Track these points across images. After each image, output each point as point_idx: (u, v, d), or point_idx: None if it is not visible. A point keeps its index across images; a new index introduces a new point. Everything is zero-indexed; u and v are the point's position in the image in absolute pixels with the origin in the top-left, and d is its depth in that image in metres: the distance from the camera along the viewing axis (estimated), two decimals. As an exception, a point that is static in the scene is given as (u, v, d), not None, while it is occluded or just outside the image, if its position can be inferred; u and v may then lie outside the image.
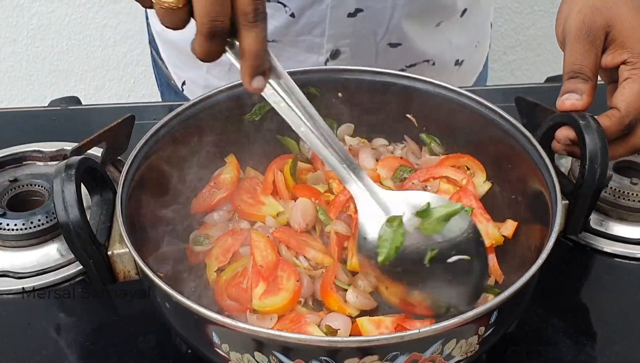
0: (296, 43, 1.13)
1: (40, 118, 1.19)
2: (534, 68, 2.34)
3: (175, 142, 0.88)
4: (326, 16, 1.09)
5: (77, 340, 0.84)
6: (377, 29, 1.12)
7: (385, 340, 0.65)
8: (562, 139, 0.84)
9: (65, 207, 0.71)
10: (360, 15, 1.09)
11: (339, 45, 1.13)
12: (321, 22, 1.10)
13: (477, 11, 1.24)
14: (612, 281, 0.92)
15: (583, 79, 0.84)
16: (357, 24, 1.10)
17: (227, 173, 0.95)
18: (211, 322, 0.68)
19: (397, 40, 1.14)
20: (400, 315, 0.79)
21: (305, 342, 0.66)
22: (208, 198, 0.93)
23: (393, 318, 0.78)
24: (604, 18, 0.83)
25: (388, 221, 0.79)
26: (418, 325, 0.76)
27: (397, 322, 0.78)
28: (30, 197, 0.99)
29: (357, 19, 1.09)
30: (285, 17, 1.10)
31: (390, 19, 1.11)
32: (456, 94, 0.93)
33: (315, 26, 1.11)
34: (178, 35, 1.19)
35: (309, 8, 1.08)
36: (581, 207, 0.80)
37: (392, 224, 0.78)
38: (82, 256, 0.74)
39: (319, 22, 1.10)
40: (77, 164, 0.74)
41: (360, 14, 1.09)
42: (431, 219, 0.78)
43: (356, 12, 1.08)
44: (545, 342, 0.84)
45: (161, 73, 1.36)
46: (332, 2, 1.07)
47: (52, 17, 2.17)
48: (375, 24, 1.11)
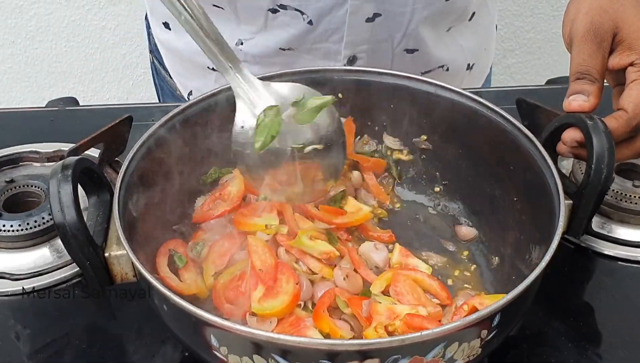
0: (312, 50, 1.12)
1: (37, 119, 1.18)
2: (534, 71, 2.33)
3: (173, 143, 0.87)
4: (345, 22, 1.08)
5: (73, 343, 0.83)
6: (395, 34, 1.11)
7: (387, 343, 0.64)
8: (569, 141, 0.83)
9: (61, 208, 0.70)
10: (378, 20, 1.08)
11: (356, 51, 1.12)
12: (339, 29, 1.09)
13: (484, 14, 1.23)
14: (614, 285, 0.91)
15: (590, 80, 0.83)
16: (374, 29, 1.09)
17: (233, 186, 0.93)
18: (209, 325, 0.67)
19: (413, 46, 1.14)
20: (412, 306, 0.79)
21: (305, 345, 0.65)
22: (212, 209, 0.92)
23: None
24: (612, 20, 0.83)
25: (266, 110, 0.81)
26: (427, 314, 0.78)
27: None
28: (26, 198, 0.98)
29: (375, 23, 1.08)
30: (303, 25, 1.08)
31: (409, 24, 1.10)
32: (458, 95, 0.92)
33: (333, 33, 1.09)
34: (183, 45, 1.18)
35: (328, 14, 1.07)
36: (585, 208, 0.79)
37: (269, 113, 0.81)
38: (79, 257, 0.73)
39: (337, 28, 1.09)
40: (73, 165, 0.73)
41: (379, 18, 1.08)
42: (305, 110, 0.82)
43: (374, 16, 1.07)
44: (547, 345, 0.83)
45: (164, 82, 1.34)
46: (352, 7, 1.06)
47: (51, 19, 2.16)
48: (393, 29, 1.10)
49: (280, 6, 1.06)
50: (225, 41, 0.81)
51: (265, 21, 1.09)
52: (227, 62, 0.81)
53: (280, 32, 1.10)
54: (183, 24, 0.78)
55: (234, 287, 0.83)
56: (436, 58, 1.18)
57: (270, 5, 1.07)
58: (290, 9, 1.07)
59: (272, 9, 1.07)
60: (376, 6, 1.06)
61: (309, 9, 1.06)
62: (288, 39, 1.10)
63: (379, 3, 1.06)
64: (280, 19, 1.08)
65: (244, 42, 1.12)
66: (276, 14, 1.07)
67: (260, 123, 0.81)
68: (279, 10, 1.07)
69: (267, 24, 1.09)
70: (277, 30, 1.10)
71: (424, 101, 0.94)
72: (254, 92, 0.83)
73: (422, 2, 1.07)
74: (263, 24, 1.09)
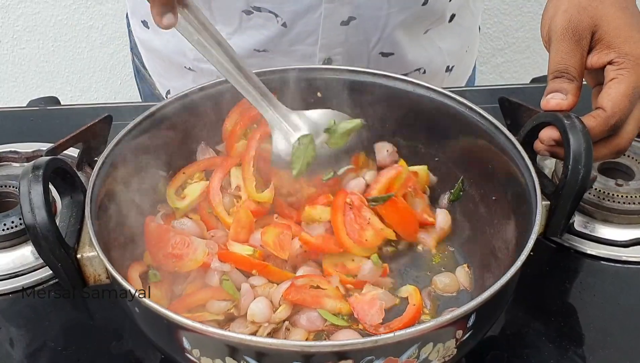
0: (288, 52, 1.12)
1: (17, 119, 1.18)
2: (522, 70, 2.33)
3: (149, 142, 0.86)
4: (319, 25, 1.08)
5: (48, 345, 0.83)
6: (370, 37, 1.11)
7: (360, 344, 0.64)
8: (546, 139, 0.82)
9: (31, 209, 0.69)
10: (353, 24, 1.08)
11: (331, 54, 1.12)
12: (314, 31, 1.09)
13: (466, 15, 1.22)
14: (597, 284, 0.91)
15: (568, 79, 0.82)
16: (349, 32, 1.09)
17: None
18: (181, 327, 0.66)
19: (389, 50, 1.13)
20: None
21: (278, 347, 0.64)
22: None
23: None
24: (590, 17, 0.82)
25: (300, 139, 0.87)
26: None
27: None
28: (4, 199, 0.98)
29: (350, 27, 1.08)
30: (277, 27, 1.08)
31: (384, 28, 1.10)
32: (436, 94, 0.92)
33: (308, 35, 1.09)
34: (163, 44, 1.18)
35: (302, 17, 1.07)
36: (563, 208, 0.78)
37: (304, 141, 0.87)
38: (50, 259, 0.72)
39: (312, 31, 1.09)
40: (44, 165, 0.72)
41: (353, 22, 1.08)
42: (336, 135, 0.90)
43: (349, 20, 1.07)
44: (528, 346, 0.83)
45: (144, 81, 1.34)
46: (326, 11, 1.06)
47: (38, 19, 2.15)
48: (368, 32, 1.10)
49: (254, 8, 1.07)
50: (254, 76, 0.85)
51: (240, 22, 1.09)
52: (262, 99, 0.86)
53: (255, 34, 1.10)
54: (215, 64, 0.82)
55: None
56: (412, 61, 1.17)
57: (244, 6, 1.07)
58: (264, 11, 1.07)
59: (246, 10, 1.07)
60: (351, 10, 1.06)
61: (283, 11, 1.06)
62: (262, 40, 1.10)
63: (354, 7, 1.06)
64: (255, 21, 1.08)
65: None
66: (250, 15, 1.07)
67: (295, 152, 0.87)
68: (252, 12, 1.07)
69: (242, 25, 1.09)
70: (251, 31, 1.09)
71: (403, 100, 0.93)
72: (286, 122, 0.88)
73: (398, 6, 1.07)
74: (238, 25, 1.09)
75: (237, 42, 1.10)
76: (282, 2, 1.05)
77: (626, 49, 0.81)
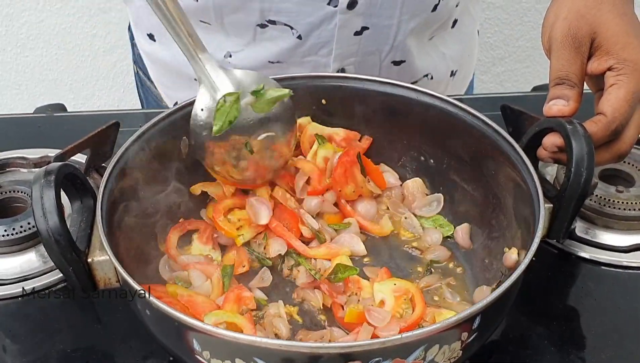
0: (302, 63, 1.12)
1: (25, 125, 1.19)
2: (523, 79, 2.34)
3: (157, 148, 0.87)
4: (333, 36, 1.08)
5: (57, 347, 0.84)
6: (383, 46, 1.12)
7: (368, 345, 0.65)
8: (549, 146, 0.84)
9: (44, 214, 0.70)
10: (366, 33, 1.09)
11: (344, 64, 1.12)
12: (328, 42, 1.09)
13: (467, 21, 1.24)
14: (598, 289, 0.92)
15: (569, 85, 0.84)
16: (362, 42, 1.10)
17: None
18: (192, 329, 0.67)
19: (400, 58, 1.14)
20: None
21: (287, 349, 0.65)
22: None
23: None
24: (589, 24, 0.84)
25: (226, 95, 0.85)
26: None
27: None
28: (12, 204, 0.99)
29: (363, 37, 1.09)
30: (293, 39, 1.09)
31: (396, 36, 1.10)
32: (440, 101, 0.93)
33: (322, 46, 1.10)
34: (171, 56, 1.18)
35: (317, 29, 1.07)
36: (565, 211, 0.80)
37: (229, 99, 0.85)
38: (62, 263, 0.73)
39: (326, 42, 1.09)
40: (56, 171, 0.73)
41: (367, 32, 1.08)
42: (263, 100, 0.87)
43: (362, 30, 1.08)
44: (530, 349, 0.84)
45: (148, 93, 1.33)
46: (340, 21, 1.06)
47: (42, 27, 2.16)
48: (380, 41, 1.11)
49: (269, 21, 1.07)
50: (192, 27, 0.84)
51: (254, 35, 1.09)
52: (192, 47, 0.84)
53: (270, 46, 1.10)
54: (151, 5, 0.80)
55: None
56: (421, 68, 1.18)
57: (259, 20, 1.07)
58: (279, 24, 1.07)
59: (261, 24, 1.07)
60: (364, 20, 1.07)
61: (299, 24, 1.07)
62: (277, 52, 1.10)
63: (366, 17, 1.07)
64: (269, 34, 1.08)
65: (232, 55, 1.12)
66: (265, 28, 1.08)
67: (219, 108, 0.85)
68: (267, 25, 1.07)
69: (256, 37, 1.09)
70: (266, 43, 1.10)
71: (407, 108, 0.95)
72: (215, 77, 0.86)
73: (409, 13, 1.08)
74: (252, 38, 1.10)
75: (250, 54, 1.11)
76: (297, 15, 1.05)
77: (625, 55, 0.82)
